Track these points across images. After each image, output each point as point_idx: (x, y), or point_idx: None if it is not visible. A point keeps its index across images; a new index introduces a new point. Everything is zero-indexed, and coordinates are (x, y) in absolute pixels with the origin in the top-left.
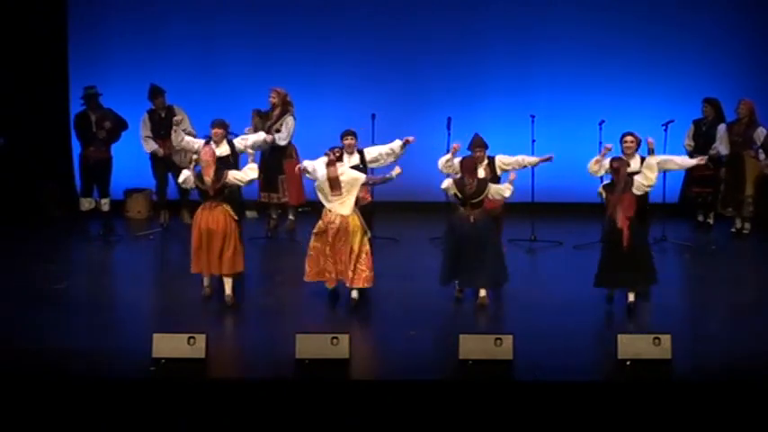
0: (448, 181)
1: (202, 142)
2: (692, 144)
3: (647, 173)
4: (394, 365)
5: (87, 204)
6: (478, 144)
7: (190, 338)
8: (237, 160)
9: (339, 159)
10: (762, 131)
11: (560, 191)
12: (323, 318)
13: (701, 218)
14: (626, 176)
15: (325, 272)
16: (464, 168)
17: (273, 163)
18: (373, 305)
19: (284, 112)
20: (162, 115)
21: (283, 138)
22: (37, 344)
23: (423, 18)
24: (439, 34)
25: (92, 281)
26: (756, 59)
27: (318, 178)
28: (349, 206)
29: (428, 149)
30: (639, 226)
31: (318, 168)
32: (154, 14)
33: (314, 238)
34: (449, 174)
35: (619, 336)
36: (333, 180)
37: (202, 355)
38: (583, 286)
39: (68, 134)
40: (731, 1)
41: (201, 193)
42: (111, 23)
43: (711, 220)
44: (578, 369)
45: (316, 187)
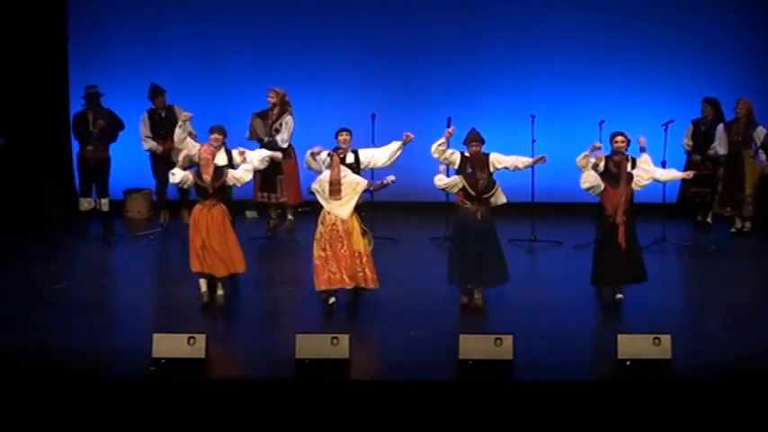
0: (454, 178)
1: (200, 146)
2: (691, 144)
3: (646, 167)
4: (394, 365)
5: (87, 204)
6: (475, 138)
7: (190, 338)
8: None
9: (342, 162)
10: (761, 131)
11: (560, 191)
12: (323, 318)
13: (700, 218)
14: (627, 172)
15: (334, 277)
16: (475, 163)
17: (272, 163)
18: (373, 305)
19: (283, 112)
20: (162, 115)
21: (285, 139)
22: (37, 344)
23: (423, 18)
24: (439, 34)
25: (92, 281)
26: (756, 59)
27: (321, 174)
28: (349, 210)
29: (428, 149)
30: (632, 222)
31: (323, 163)
32: (154, 14)
33: (316, 245)
34: (440, 161)
35: (619, 336)
36: (334, 182)
37: (202, 355)
38: (583, 286)
39: (68, 134)
40: (731, 1)
41: (200, 192)
42: (111, 23)
43: (711, 220)
44: (578, 369)
45: (313, 188)
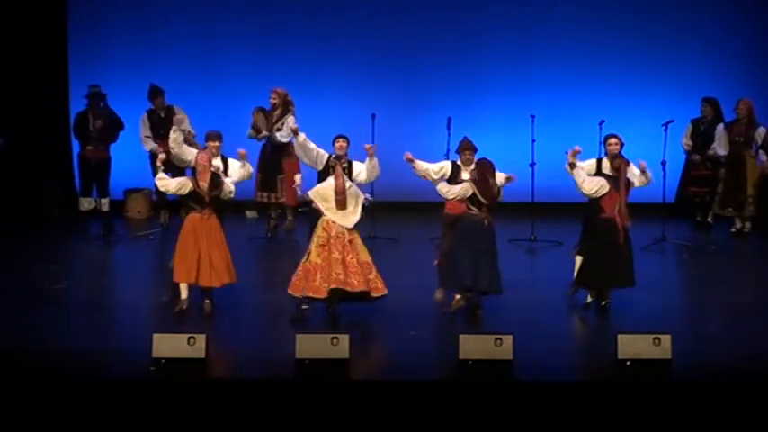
0: (465, 186)
1: (196, 152)
2: (690, 143)
3: (641, 169)
4: (394, 365)
5: (87, 204)
6: (467, 147)
7: (190, 338)
8: None
9: (347, 172)
10: (762, 131)
11: (560, 191)
12: (323, 318)
13: (699, 218)
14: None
15: (338, 278)
16: (485, 171)
17: (273, 162)
18: (373, 305)
19: (285, 112)
20: (162, 115)
21: (284, 135)
22: (37, 344)
23: (423, 18)
24: (439, 34)
25: (92, 281)
26: (756, 59)
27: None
28: (353, 221)
29: (428, 149)
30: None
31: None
32: (154, 14)
33: (315, 252)
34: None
35: (619, 336)
36: (339, 192)
37: (202, 355)
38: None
39: (68, 134)
40: (731, 1)
41: (196, 200)
42: (111, 23)
43: (711, 220)
44: (578, 369)
45: (315, 194)
